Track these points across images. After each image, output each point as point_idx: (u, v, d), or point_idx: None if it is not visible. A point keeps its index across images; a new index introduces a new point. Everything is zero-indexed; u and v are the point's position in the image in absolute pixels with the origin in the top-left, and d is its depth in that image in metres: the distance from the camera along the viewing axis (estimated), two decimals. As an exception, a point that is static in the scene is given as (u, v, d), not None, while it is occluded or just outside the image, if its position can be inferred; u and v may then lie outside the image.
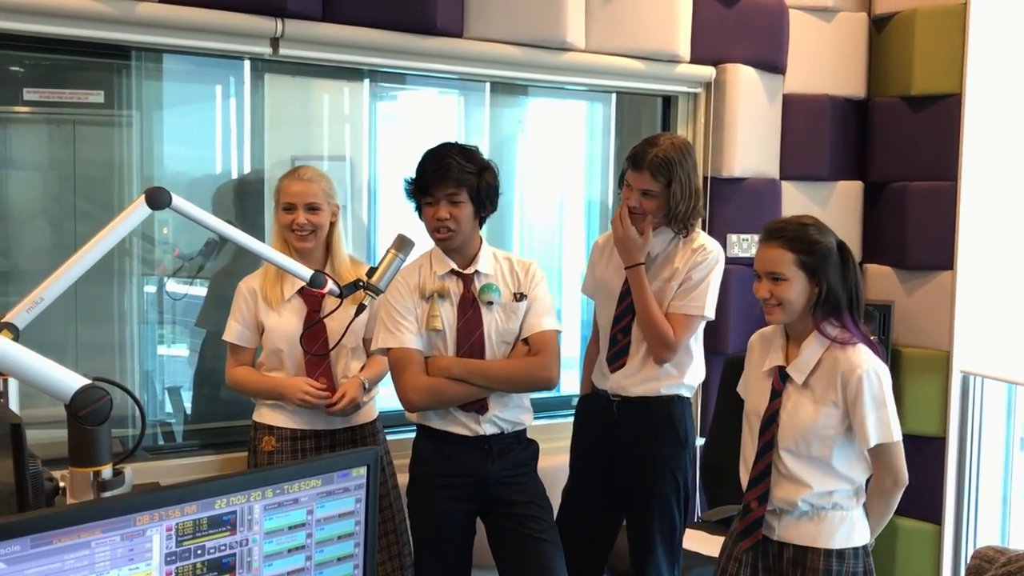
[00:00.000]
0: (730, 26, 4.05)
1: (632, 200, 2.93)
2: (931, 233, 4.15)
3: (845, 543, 2.52)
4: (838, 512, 2.53)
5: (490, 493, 2.83)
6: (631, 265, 2.94)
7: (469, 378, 2.75)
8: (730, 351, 4.07)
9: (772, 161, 4.24)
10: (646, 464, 3.01)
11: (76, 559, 1.36)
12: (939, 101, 4.14)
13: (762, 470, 2.59)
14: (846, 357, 2.49)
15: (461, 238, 2.80)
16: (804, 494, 2.52)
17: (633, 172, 2.92)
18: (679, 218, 2.92)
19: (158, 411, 3.61)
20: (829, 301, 2.51)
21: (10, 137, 3.32)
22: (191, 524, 1.48)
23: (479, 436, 2.80)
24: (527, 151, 4.34)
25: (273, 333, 2.92)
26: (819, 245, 2.50)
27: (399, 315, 2.78)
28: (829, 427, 2.49)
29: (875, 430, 2.45)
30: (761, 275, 2.55)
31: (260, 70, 3.55)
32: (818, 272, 2.49)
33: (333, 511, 1.65)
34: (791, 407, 2.55)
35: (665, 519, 3.01)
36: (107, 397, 1.57)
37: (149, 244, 3.54)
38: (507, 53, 3.60)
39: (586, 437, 3.15)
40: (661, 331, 2.92)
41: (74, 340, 3.45)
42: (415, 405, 2.80)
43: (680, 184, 2.88)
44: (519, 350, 2.84)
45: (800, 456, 2.53)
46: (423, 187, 2.76)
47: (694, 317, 2.95)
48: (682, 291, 2.95)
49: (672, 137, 2.98)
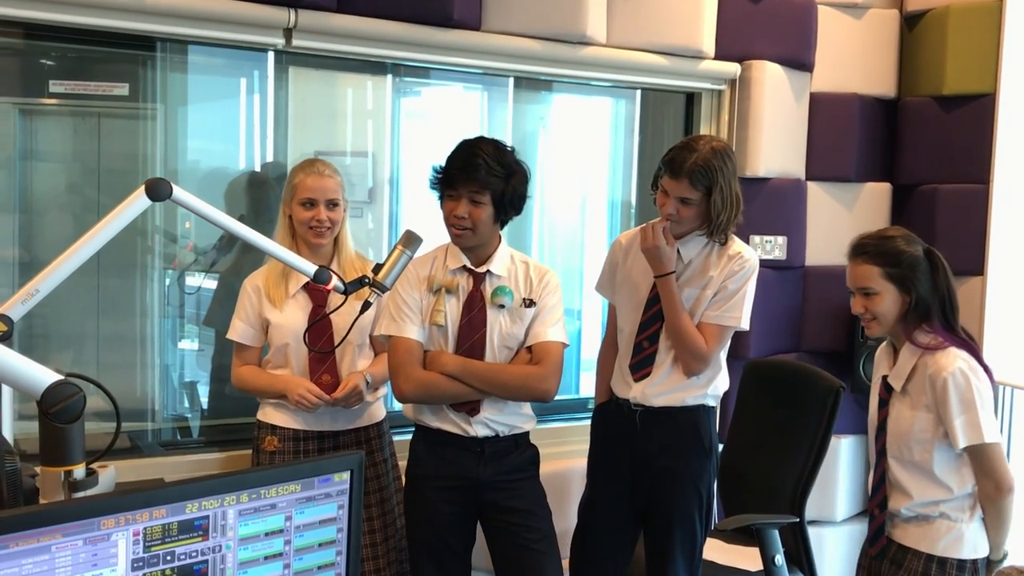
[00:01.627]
0: (756, 22, 3.96)
1: (669, 207, 2.80)
2: (961, 237, 4.05)
3: (947, 552, 2.54)
4: (945, 522, 2.56)
5: (484, 497, 2.78)
6: (662, 274, 2.83)
7: (464, 378, 2.70)
8: (751, 355, 3.98)
9: (798, 161, 4.15)
10: (669, 476, 2.92)
11: (35, 564, 1.31)
12: (972, 101, 4.04)
13: (879, 478, 2.67)
14: (935, 361, 2.53)
15: (477, 239, 2.73)
16: (907, 503, 2.59)
17: (670, 178, 2.78)
18: (720, 228, 2.80)
19: (174, 406, 3.60)
20: (919, 309, 2.57)
21: (36, 129, 3.35)
22: (160, 529, 1.43)
23: (471, 437, 2.74)
24: (550, 148, 4.28)
25: (278, 329, 2.89)
26: (904, 255, 2.57)
27: (404, 304, 2.75)
28: (925, 431, 2.54)
29: (963, 432, 2.48)
30: (853, 291, 2.65)
31: (284, 64, 3.54)
32: (907, 282, 2.56)
33: (313, 517, 1.60)
34: (894, 415, 2.63)
35: (686, 532, 2.93)
36: (80, 394, 1.53)
37: (171, 241, 3.53)
38: (526, 47, 3.54)
39: (606, 447, 3.06)
40: (694, 343, 2.82)
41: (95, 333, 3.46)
42: (406, 396, 2.76)
43: (721, 193, 2.74)
44: (522, 357, 2.77)
45: (904, 462, 2.60)
46: (448, 180, 2.70)
47: (728, 328, 2.86)
48: (717, 301, 2.85)
49: (712, 140, 2.82)
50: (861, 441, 4.38)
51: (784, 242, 4.10)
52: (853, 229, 4.19)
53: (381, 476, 2.98)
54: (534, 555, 2.76)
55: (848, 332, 4.21)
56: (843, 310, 4.20)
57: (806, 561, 3.26)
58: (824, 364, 3.79)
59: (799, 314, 4.22)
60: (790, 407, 3.37)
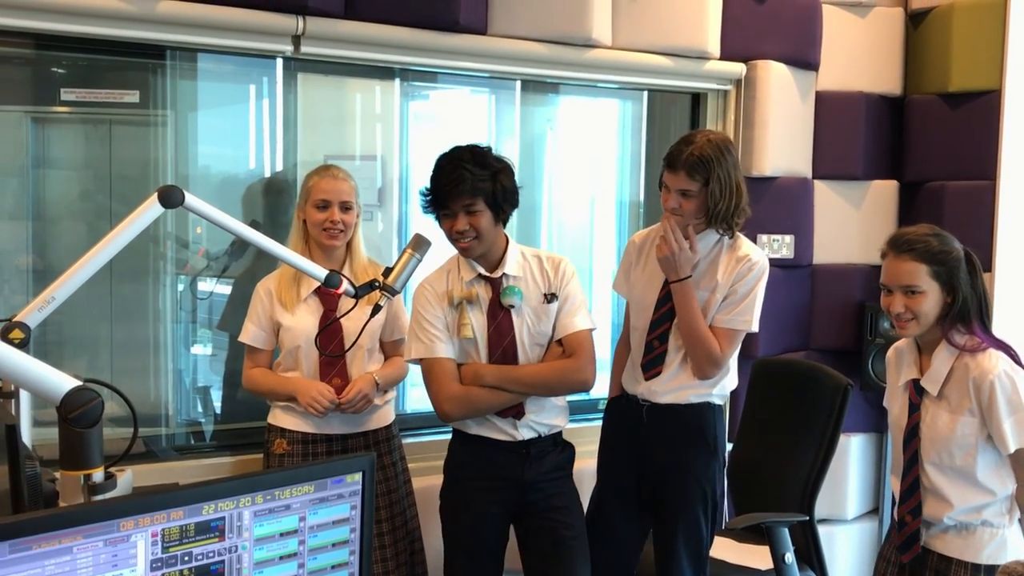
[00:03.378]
0: (761, 21, 3.97)
1: (671, 201, 2.83)
2: (968, 235, 3.94)
3: (992, 560, 2.48)
4: (988, 529, 2.51)
5: (526, 497, 2.80)
6: (678, 279, 2.85)
7: (503, 385, 2.71)
8: (759, 354, 3.99)
9: (804, 160, 4.16)
10: (673, 472, 2.94)
11: (57, 565, 1.33)
12: (978, 98, 4.04)
13: (911, 484, 2.58)
14: (976, 363, 2.46)
15: (484, 245, 2.74)
16: (948, 512, 2.51)
17: (669, 172, 2.83)
18: (720, 217, 2.81)
19: (188, 411, 3.63)
20: (961, 310, 2.49)
21: (48, 137, 3.37)
22: (177, 530, 1.45)
23: (517, 441, 2.77)
24: (558, 150, 4.30)
25: (289, 332, 2.91)
26: (950, 255, 2.49)
27: (428, 324, 2.74)
28: (969, 435, 2.47)
29: (1013, 435, 2.41)
30: (893, 289, 2.52)
31: (293, 70, 3.56)
32: (952, 281, 2.48)
33: (327, 518, 1.62)
34: (929, 420, 2.54)
35: (691, 530, 2.94)
36: (98, 399, 1.55)
37: (183, 247, 3.56)
38: (532, 50, 3.56)
39: (615, 441, 3.09)
40: (708, 348, 2.84)
41: (108, 339, 3.49)
42: (450, 416, 2.75)
43: (719, 182, 2.77)
44: (553, 351, 2.79)
45: (944, 468, 2.52)
46: (439, 201, 2.72)
47: (740, 332, 2.89)
48: (728, 304, 2.87)
49: (710, 133, 2.86)
50: (871, 439, 4.39)
51: (792, 241, 4.11)
52: (860, 227, 4.25)
53: (390, 479, 3.00)
54: (569, 551, 2.78)
55: (856, 330, 4.22)
56: (851, 308, 4.23)
57: (816, 559, 3.27)
58: (833, 362, 3.79)
59: (807, 312, 4.23)
60: (799, 405, 3.37)
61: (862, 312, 4.19)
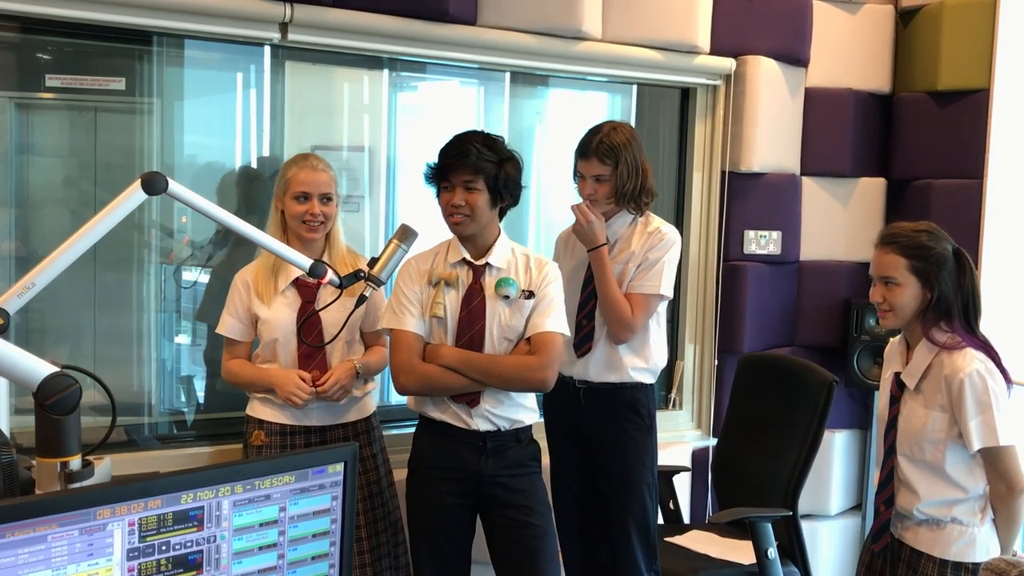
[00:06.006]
0: (752, 17, 3.96)
1: (587, 188, 3.05)
2: (955, 233, 3.91)
3: (961, 556, 2.53)
4: (957, 526, 2.55)
5: (485, 491, 2.79)
6: (594, 247, 3.02)
7: (462, 369, 2.72)
8: (745, 350, 3.99)
9: (792, 156, 4.16)
10: (616, 454, 3.08)
11: (31, 553, 1.31)
12: (966, 97, 4.05)
13: (887, 474, 2.66)
14: (951, 360, 2.51)
15: (476, 226, 2.76)
16: (916, 504, 2.57)
17: (583, 161, 3.06)
18: (628, 196, 3.03)
19: (170, 400, 3.61)
20: (939, 307, 2.53)
21: (32, 123, 3.34)
22: (155, 519, 1.43)
23: (473, 431, 2.76)
24: (546, 142, 4.28)
25: (266, 326, 2.87)
26: (933, 251, 2.53)
27: (405, 298, 2.77)
28: (939, 431, 2.52)
29: (978, 434, 2.46)
30: (875, 280, 2.61)
31: (280, 58, 3.53)
32: (931, 278, 2.52)
33: (307, 508, 1.60)
34: (906, 412, 2.60)
35: (637, 503, 3.08)
36: (75, 386, 1.53)
37: (167, 235, 3.54)
38: (521, 42, 3.54)
39: (555, 423, 3.21)
40: (620, 311, 3.01)
41: (91, 327, 3.46)
42: (405, 388, 2.78)
43: (627, 165, 3.00)
44: (521, 349, 2.79)
45: (915, 461, 2.58)
46: (441, 171, 2.76)
47: (652, 296, 3.04)
48: (639, 272, 3.05)
49: (615, 123, 3.11)
50: (855, 435, 4.40)
51: (779, 237, 4.11)
52: (847, 224, 4.25)
53: (369, 471, 2.97)
54: (531, 552, 2.77)
55: (842, 327, 4.22)
56: (837, 305, 4.24)
57: (799, 554, 3.28)
58: (818, 359, 3.80)
59: (793, 309, 4.23)
60: (784, 401, 3.39)
61: (848, 309, 4.20)
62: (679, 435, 4.08)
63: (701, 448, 4.12)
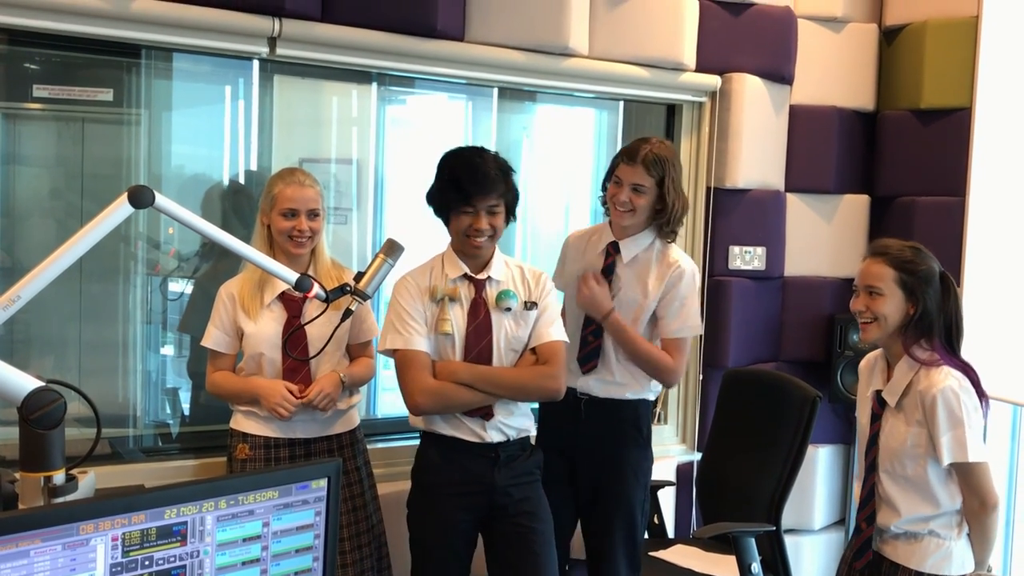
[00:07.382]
0: (737, 35, 4.00)
1: (622, 195, 2.97)
2: (938, 249, 3.96)
3: (936, 569, 2.57)
4: (934, 539, 2.58)
5: (495, 502, 2.79)
6: (605, 316, 2.99)
7: (477, 384, 2.71)
8: (730, 365, 4.01)
9: (777, 173, 4.19)
10: (612, 464, 3.06)
11: (13, 568, 1.32)
12: (949, 115, 4.09)
13: (868, 491, 2.67)
14: (928, 376, 2.54)
15: (493, 244, 2.81)
16: (896, 520, 2.59)
17: (626, 165, 2.97)
18: (669, 218, 2.98)
19: (155, 412, 3.60)
20: (922, 323, 2.56)
21: (20, 133, 3.33)
22: (139, 534, 1.44)
23: (486, 444, 2.77)
24: (533, 157, 4.30)
25: (251, 340, 2.86)
26: (920, 267, 2.57)
27: (408, 316, 2.74)
28: (919, 447, 2.54)
29: (948, 450, 2.49)
30: (859, 289, 2.63)
31: (269, 71, 3.54)
32: (916, 292, 2.55)
33: (291, 523, 1.61)
34: (888, 430, 2.62)
35: (627, 518, 3.07)
36: (60, 401, 1.54)
37: (154, 247, 3.53)
38: (509, 58, 3.56)
39: (551, 432, 3.13)
40: (660, 363, 3.00)
41: (77, 339, 3.45)
42: (421, 408, 2.74)
43: (672, 183, 2.96)
44: (527, 359, 2.80)
45: (896, 477, 2.59)
46: (464, 196, 2.71)
47: (688, 339, 3.06)
48: (670, 315, 3.02)
49: (660, 138, 3.07)
50: (838, 451, 4.42)
51: (763, 253, 4.14)
52: (831, 240, 4.28)
53: (353, 484, 2.96)
54: (535, 559, 2.78)
55: (826, 342, 4.25)
56: (821, 320, 4.26)
57: (783, 569, 3.29)
58: (802, 374, 3.82)
59: (777, 324, 4.26)
60: (768, 416, 3.40)
61: (832, 324, 4.22)
62: (664, 449, 4.09)
63: (686, 463, 4.14)
